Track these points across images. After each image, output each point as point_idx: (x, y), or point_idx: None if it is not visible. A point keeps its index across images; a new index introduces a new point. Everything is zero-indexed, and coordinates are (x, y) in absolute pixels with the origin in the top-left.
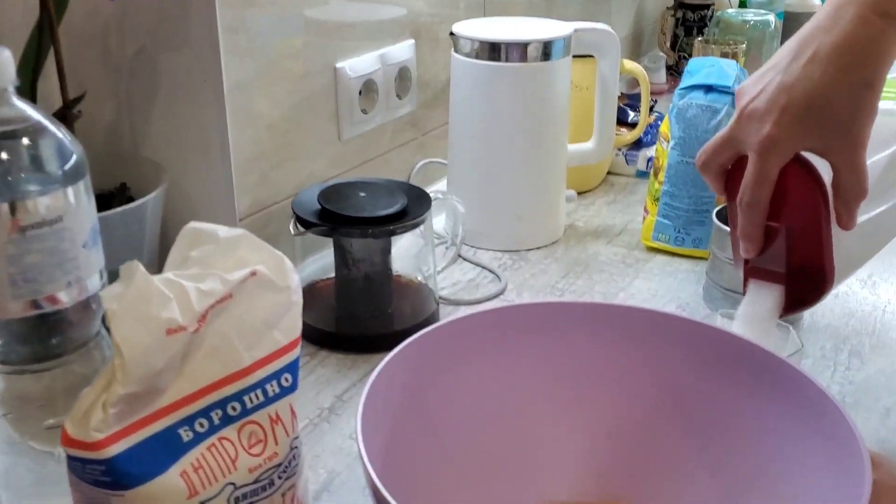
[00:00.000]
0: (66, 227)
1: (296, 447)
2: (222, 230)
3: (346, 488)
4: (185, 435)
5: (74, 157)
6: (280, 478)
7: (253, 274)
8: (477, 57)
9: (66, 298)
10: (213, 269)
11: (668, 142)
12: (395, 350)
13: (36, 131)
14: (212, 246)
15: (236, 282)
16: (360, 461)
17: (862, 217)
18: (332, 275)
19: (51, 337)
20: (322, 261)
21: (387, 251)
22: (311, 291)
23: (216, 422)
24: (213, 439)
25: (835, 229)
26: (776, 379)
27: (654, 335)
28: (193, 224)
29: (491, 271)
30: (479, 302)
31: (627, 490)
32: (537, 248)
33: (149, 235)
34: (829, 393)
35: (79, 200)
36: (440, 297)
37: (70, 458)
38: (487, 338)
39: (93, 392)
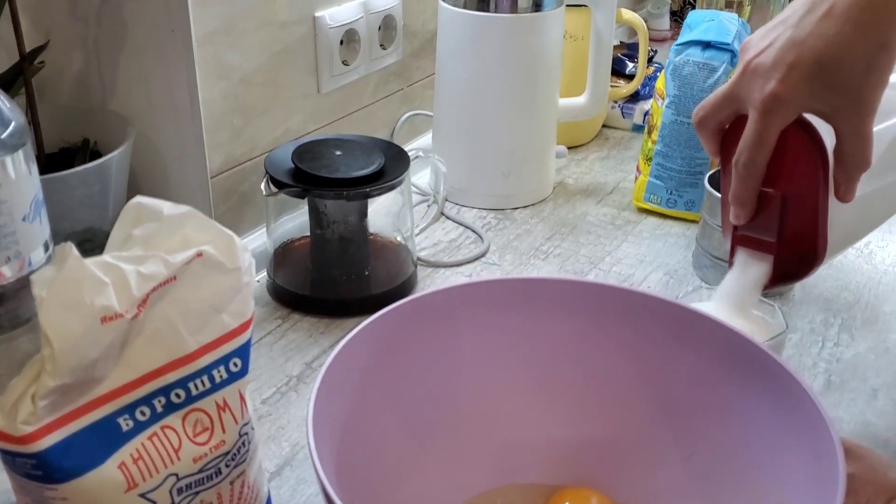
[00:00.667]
0: (2, 201)
1: (245, 433)
2: (167, 207)
3: (308, 463)
4: (125, 424)
5: (13, 125)
6: (228, 466)
7: (199, 255)
8: (465, 6)
9: (8, 273)
10: (157, 250)
11: (664, 99)
12: (355, 331)
13: None
14: (156, 224)
15: (180, 264)
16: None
17: (861, 190)
18: (307, 234)
19: None
20: (298, 219)
21: (363, 213)
22: (285, 251)
23: (158, 410)
24: (154, 428)
25: (831, 201)
26: (753, 367)
27: (630, 316)
28: (138, 199)
29: (474, 231)
30: (458, 265)
31: (597, 474)
32: (524, 207)
33: (114, 194)
34: (805, 384)
35: (18, 171)
36: (419, 259)
37: (1, 451)
38: (455, 315)
39: (22, 382)
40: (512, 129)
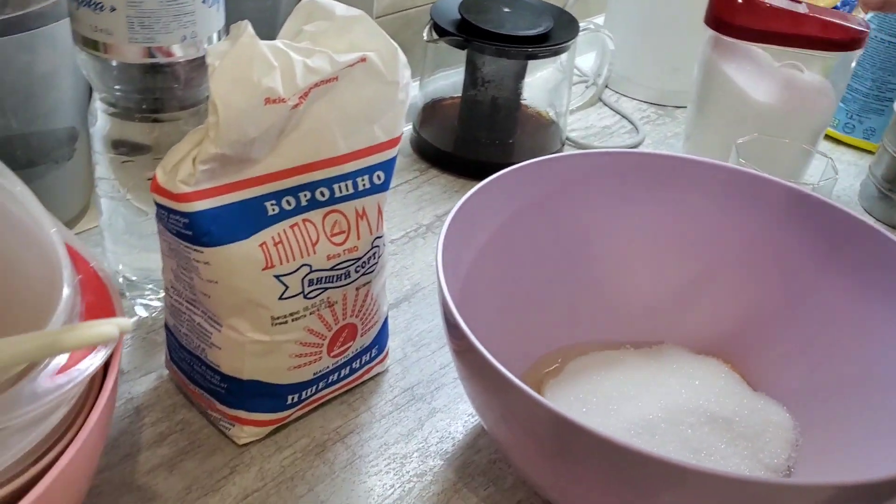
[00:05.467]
0: None
1: (377, 246)
2: (340, 7)
3: (425, 302)
4: (271, 209)
5: None
6: (357, 272)
7: (363, 60)
8: None
9: (179, 52)
10: (324, 47)
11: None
12: (494, 176)
13: None
14: (327, 23)
15: (344, 64)
16: (436, 276)
17: None
18: (459, 94)
19: (164, 90)
20: (452, 78)
21: (520, 76)
22: (435, 108)
23: (303, 203)
24: (297, 219)
25: None
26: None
27: (778, 208)
28: None
29: (630, 121)
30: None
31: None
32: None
33: (283, 14)
34: None
35: None
36: (567, 139)
37: (158, 205)
38: (602, 179)
39: (185, 145)
40: (692, 20)
